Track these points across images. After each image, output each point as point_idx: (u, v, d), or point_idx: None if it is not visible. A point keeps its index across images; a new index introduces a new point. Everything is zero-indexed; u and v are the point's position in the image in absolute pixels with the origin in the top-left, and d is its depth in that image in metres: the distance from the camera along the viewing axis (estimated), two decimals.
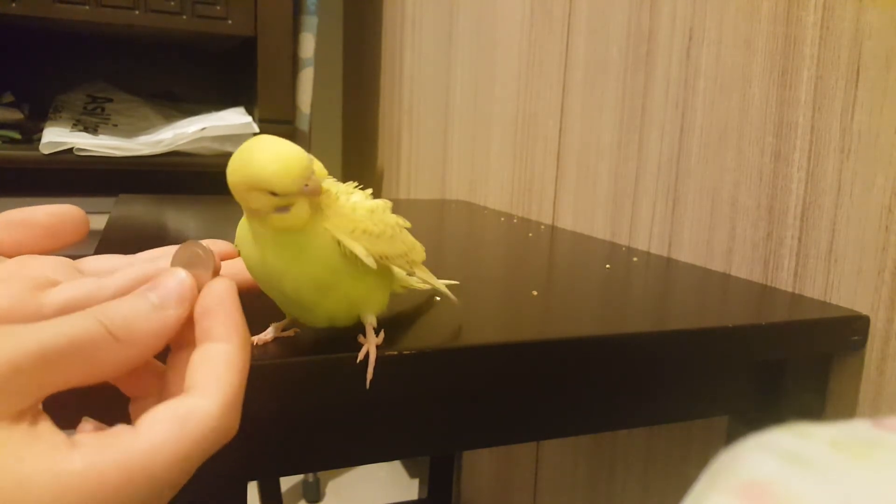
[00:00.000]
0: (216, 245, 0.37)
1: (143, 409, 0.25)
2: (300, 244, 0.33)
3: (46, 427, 0.23)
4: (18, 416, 0.22)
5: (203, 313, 0.27)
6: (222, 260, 0.37)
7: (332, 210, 0.34)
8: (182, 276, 0.28)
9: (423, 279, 0.41)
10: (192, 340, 0.28)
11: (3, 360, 0.22)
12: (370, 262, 0.34)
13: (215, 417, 0.24)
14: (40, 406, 0.23)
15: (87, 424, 0.25)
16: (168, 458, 0.23)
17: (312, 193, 0.31)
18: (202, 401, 0.25)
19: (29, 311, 0.28)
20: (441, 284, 0.42)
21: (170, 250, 0.37)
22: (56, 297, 0.28)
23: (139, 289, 0.27)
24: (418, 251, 0.40)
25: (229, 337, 0.27)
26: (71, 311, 0.28)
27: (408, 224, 0.39)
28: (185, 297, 0.27)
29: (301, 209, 0.32)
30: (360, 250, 0.33)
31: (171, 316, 0.26)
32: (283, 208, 0.31)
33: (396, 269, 0.40)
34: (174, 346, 0.29)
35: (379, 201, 0.37)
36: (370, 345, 0.36)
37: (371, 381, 0.36)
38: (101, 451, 0.22)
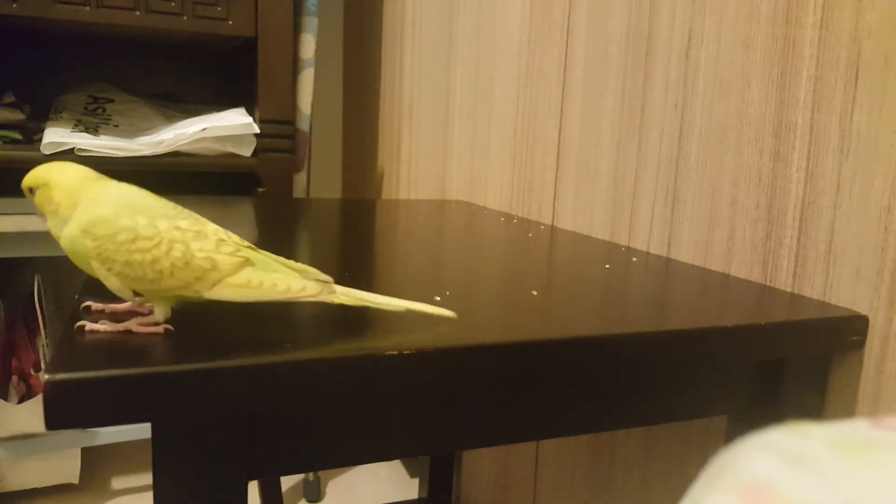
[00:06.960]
0: None
1: None
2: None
3: None
4: None
5: None
6: None
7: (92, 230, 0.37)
8: None
9: (346, 299, 0.40)
10: None
11: None
12: (128, 294, 0.37)
13: None
14: None
15: None
16: None
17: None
18: None
19: None
20: (382, 302, 0.41)
21: None
22: None
23: None
24: (219, 269, 0.36)
25: None
26: None
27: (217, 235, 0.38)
28: None
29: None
30: (111, 285, 0.37)
31: None
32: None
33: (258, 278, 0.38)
34: None
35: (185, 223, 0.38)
36: (130, 323, 0.37)
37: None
38: None
